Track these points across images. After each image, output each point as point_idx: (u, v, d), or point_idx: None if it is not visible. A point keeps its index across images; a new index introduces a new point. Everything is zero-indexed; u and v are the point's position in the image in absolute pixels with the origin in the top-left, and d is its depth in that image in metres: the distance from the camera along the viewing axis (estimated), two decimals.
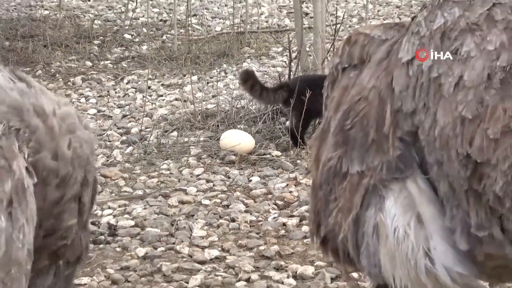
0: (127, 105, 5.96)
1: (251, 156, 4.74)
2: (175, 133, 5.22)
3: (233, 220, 3.83)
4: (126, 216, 3.87)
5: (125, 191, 4.25)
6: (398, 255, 1.88)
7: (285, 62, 6.58)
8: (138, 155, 4.84)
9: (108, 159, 4.76)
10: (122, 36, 7.90)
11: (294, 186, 4.27)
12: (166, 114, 5.65)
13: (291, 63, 5.59)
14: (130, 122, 5.54)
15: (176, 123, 5.36)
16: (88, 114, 5.73)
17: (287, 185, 4.28)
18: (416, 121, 1.89)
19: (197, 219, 3.82)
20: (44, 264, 1.80)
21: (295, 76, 5.44)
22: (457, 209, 1.81)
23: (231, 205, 4.01)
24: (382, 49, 2.06)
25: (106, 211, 3.94)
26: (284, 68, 6.34)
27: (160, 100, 6.11)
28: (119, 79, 6.70)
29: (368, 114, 1.97)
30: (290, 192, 4.18)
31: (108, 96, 6.24)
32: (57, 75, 6.73)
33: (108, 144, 5.03)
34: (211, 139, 5.04)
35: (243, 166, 4.61)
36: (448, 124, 1.78)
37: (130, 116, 5.71)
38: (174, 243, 3.56)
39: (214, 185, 4.31)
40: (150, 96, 6.16)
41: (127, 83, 6.58)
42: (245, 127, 5.18)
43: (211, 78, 6.54)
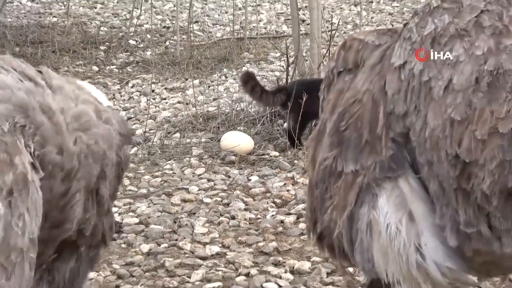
0: (132, 108, 5.96)
1: (250, 156, 4.74)
2: (177, 134, 5.23)
3: (233, 217, 3.82)
4: (131, 214, 3.87)
5: (130, 190, 4.26)
6: (391, 250, 1.88)
7: (282, 66, 6.58)
8: (143, 155, 4.84)
9: None
10: (127, 42, 7.91)
11: (291, 185, 4.27)
12: (169, 117, 5.65)
13: (289, 68, 5.59)
14: (135, 124, 5.54)
15: (179, 125, 5.37)
16: None
17: (285, 184, 4.28)
18: (407, 123, 1.89)
19: (198, 217, 3.82)
20: (63, 251, 1.80)
21: (293, 80, 5.44)
22: (446, 207, 1.81)
23: (231, 203, 4.01)
24: (376, 54, 2.06)
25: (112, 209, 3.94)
26: (281, 72, 6.34)
27: (163, 103, 6.11)
28: (124, 83, 6.70)
29: (362, 116, 1.97)
30: (288, 191, 4.18)
31: (114, 99, 6.24)
32: None
33: None
34: (212, 140, 5.05)
35: (242, 166, 4.61)
36: (438, 125, 1.77)
37: (134, 118, 5.71)
38: (176, 240, 3.56)
39: (215, 184, 4.31)
40: (154, 99, 6.16)
41: (131, 87, 6.59)
42: (244, 128, 5.18)
43: (212, 82, 6.55)
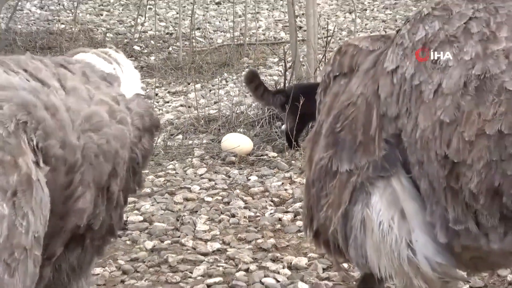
0: None
1: (250, 157, 4.74)
2: (180, 136, 5.23)
3: (233, 215, 3.83)
4: (136, 212, 3.87)
5: None
6: (383, 246, 1.88)
7: (280, 71, 6.58)
8: None
9: None
10: (132, 48, 7.90)
11: (289, 184, 4.27)
12: (172, 119, 5.65)
13: (286, 72, 5.60)
14: None
15: (181, 127, 5.37)
16: None
17: (283, 183, 4.28)
18: (399, 124, 1.89)
19: (200, 215, 3.82)
20: (70, 242, 1.80)
21: (291, 83, 5.44)
22: (436, 205, 1.81)
23: (231, 202, 4.01)
24: (370, 59, 2.06)
25: None
26: (280, 76, 6.34)
27: (166, 106, 6.11)
28: None
29: (357, 118, 1.97)
30: (285, 190, 4.18)
31: None
32: None
33: None
34: (213, 142, 5.05)
35: (242, 166, 4.61)
36: (428, 127, 1.78)
37: None
38: (179, 237, 3.56)
39: (215, 183, 4.31)
40: (158, 102, 6.16)
41: None
42: (244, 130, 5.18)
43: (213, 86, 6.55)
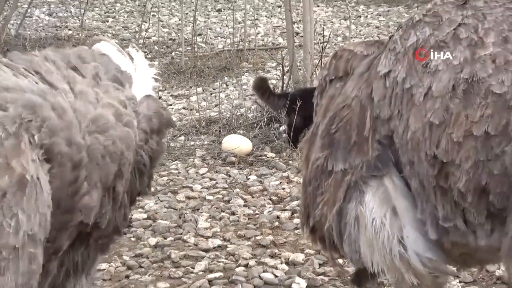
0: None
1: (249, 157, 4.74)
2: (182, 137, 5.23)
3: (233, 213, 3.83)
4: (140, 209, 3.87)
5: None
6: (376, 242, 1.89)
7: (278, 75, 6.57)
8: None
9: None
10: None
11: (286, 183, 4.27)
12: (175, 121, 5.65)
13: (284, 76, 5.60)
14: None
15: (184, 129, 5.37)
16: None
17: (281, 182, 4.28)
18: (391, 126, 1.90)
19: (201, 213, 3.82)
20: (76, 239, 1.80)
21: (297, 87, 5.45)
22: (426, 203, 1.83)
23: (232, 200, 4.01)
24: (364, 63, 2.07)
25: None
26: (277, 80, 6.34)
27: (169, 108, 6.11)
28: None
29: (351, 120, 1.98)
30: (283, 189, 4.18)
31: None
32: None
33: None
34: (214, 143, 5.05)
35: (242, 166, 4.62)
36: (419, 129, 1.79)
37: None
38: (181, 234, 3.57)
39: (216, 183, 4.32)
40: None
41: None
42: (243, 132, 5.18)
43: (214, 90, 6.55)
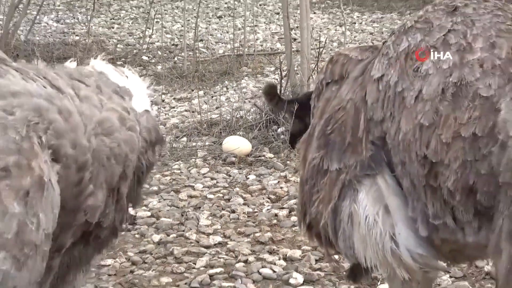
0: None
1: (249, 158, 4.75)
2: (184, 138, 5.23)
3: (233, 211, 3.84)
4: (144, 208, 3.88)
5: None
6: (369, 239, 1.89)
7: (276, 79, 6.58)
8: None
9: None
10: (140, 58, 7.91)
11: (284, 183, 4.28)
12: (177, 123, 5.66)
13: (282, 80, 5.61)
14: None
15: (186, 130, 5.37)
16: None
17: (279, 182, 4.29)
18: (384, 127, 1.90)
19: (203, 211, 3.83)
20: (78, 237, 1.80)
21: (304, 92, 5.44)
22: (417, 201, 1.83)
23: (232, 199, 4.02)
24: (358, 67, 2.08)
25: None
26: (276, 84, 6.34)
27: (172, 111, 6.11)
28: None
29: (346, 122, 1.98)
30: (281, 188, 4.19)
31: None
32: None
33: None
34: (215, 144, 5.06)
35: (241, 166, 4.63)
36: (410, 130, 1.79)
37: None
38: (184, 231, 3.57)
39: (217, 182, 4.32)
40: (164, 107, 6.17)
41: None
42: (243, 133, 5.19)
43: (215, 93, 6.55)
